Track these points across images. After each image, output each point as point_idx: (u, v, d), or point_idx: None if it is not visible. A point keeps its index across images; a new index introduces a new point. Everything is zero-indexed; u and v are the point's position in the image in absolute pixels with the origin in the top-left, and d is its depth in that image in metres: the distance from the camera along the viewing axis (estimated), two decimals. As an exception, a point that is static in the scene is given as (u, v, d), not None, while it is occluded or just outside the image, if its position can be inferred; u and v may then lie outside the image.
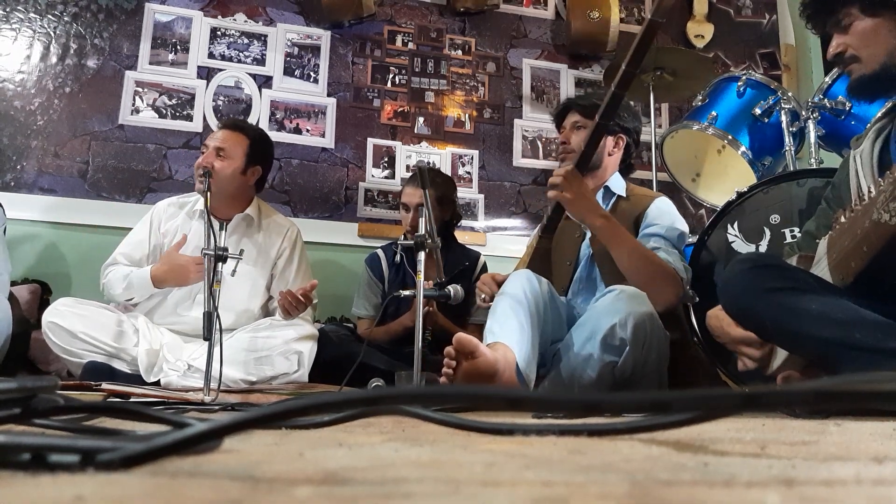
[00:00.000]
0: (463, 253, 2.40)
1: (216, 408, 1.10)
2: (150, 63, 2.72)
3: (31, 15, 2.62)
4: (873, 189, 1.03)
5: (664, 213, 1.71)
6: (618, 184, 1.80)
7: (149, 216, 2.07)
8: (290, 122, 2.82)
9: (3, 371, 1.86)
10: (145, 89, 2.69)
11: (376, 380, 1.53)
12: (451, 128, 2.99)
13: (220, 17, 2.83)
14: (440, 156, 2.95)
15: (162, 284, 1.91)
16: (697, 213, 3.12)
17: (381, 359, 1.99)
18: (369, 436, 0.63)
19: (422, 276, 1.49)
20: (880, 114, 1.27)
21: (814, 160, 1.96)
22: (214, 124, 2.73)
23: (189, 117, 2.71)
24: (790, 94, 2.14)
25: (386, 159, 2.89)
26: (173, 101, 2.71)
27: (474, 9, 3.06)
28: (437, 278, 1.60)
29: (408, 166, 2.89)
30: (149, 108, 2.67)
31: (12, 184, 2.49)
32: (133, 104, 2.67)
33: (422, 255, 1.50)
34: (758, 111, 2.11)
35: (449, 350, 1.30)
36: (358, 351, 1.70)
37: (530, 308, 1.47)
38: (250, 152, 2.04)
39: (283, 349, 1.89)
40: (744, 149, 2.13)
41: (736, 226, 1.81)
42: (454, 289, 1.58)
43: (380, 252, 2.40)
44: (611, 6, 2.97)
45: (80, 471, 0.34)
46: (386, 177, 2.88)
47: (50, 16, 2.64)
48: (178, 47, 2.76)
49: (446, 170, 2.89)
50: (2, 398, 0.47)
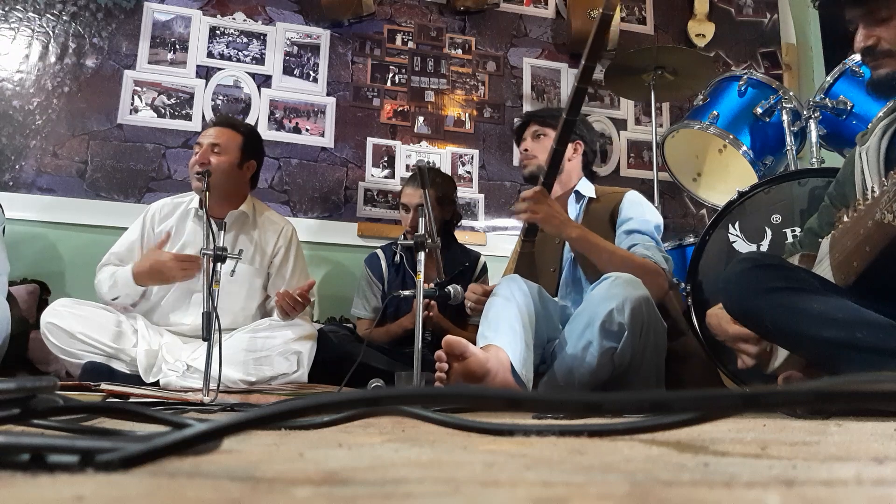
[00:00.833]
0: (463, 253, 2.40)
1: (215, 408, 1.10)
2: (149, 62, 2.72)
3: (30, 14, 2.62)
4: (877, 187, 1.03)
5: (636, 206, 1.76)
6: (586, 187, 1.86)
7: (142, 217, 2.06)
8: (290, 122, 2.82)
9: (2, 371, 1.86)
10: (144, 89, 2.69)
11: (376, 380, 1.53)
12: (451, 127, 2.98)
13: (219, 16, 2.83)
14: (440, 155, 2.95)
15: (144, 282, 1.89)
16: (698, 213, 3.12)
17: (380, 359, 1.99)
18: (369, 436, 0.63)
19: (421, 276, 1.49)
20: (884, 111, 1.26)
21: (815, 160, 1.96)
22: (212, 124, 2.73)
23: (188, 117, 2.71)
24: (791, 93, 2.14)
25: (386, 159, 2.89)
26: (172, 101, 2.71)
27: (474, 7, 3.05)
28: (437, 278, 1.60)
29: (407, 166, 2.89)
30: (147, 108, 2.67)
31: (11, 183, 2.49)
32: (132, 103, 2.67)
33: (422, 256, 1.50)
34: (759, 111, 2.11)
35: (440, 353, 1.31)
36: (357, 351, 1.70)
37: (521, 310, 1.48)
38: (244, 147, 2.05)
39: (283, 349, 1.89)
40: (745, 148, 2.13)
41: (737, 226, 1.80)
42: (454, 289, 1.58)
43: (379, 252, 2.40)
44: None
45: (79, 471, 0.34)
46: (386, 176, 2.88)
47: (48, 15, 2.64)
48: (177, 46, 2.76)
49: (446, 169, 2.89)
50: (1, 398, 0.47)
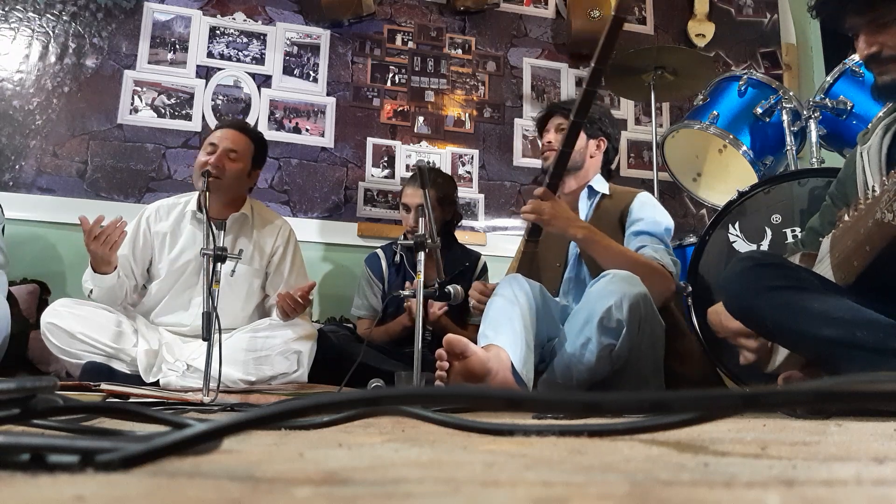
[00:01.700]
0: (463, 253, 2.39)
1: (215, 408, 1.10)
2: (149, 62, 2.72)
3: (30, 14, 2.62)
4: (878, 186, 1.03)
5: (647, 207, 1.75)
6: (601, 183, 1.85)
7: (138, 218, 2.04)
8: (290, 122, 2.82)
9: (2, 371, 1.86)
10: (144, 89, 2.69)
11: (376, 380, 1.53)
12: (451, 127, 2.98)
13: (219, 16, 2.83)
14: (440, 155, 2.95)
15: (98, 268, 1.85)
16: (698, 213, 3.12)
17: (380, 359, 1.99)
18: (369, 436, 0.63)
19: (421, 276, 1.49)
20: (885, 110, 1.26)
21: (815, 160, 1.96)
22: (213, 124, 2.73)
23: (188, 117, 2.71)
24: (791, 93, 2.14)
25: (386, 159, 2.89)
26: (172, 101, 2.71)
27: (474, 7, 3.05)
28: (437, 278, 1.60)
29: (408, 166, 2.89)
30: (147, 108, 2.67)
31: (11, 183, 2.49)
32: (132, 103, 2.67)
33: (422, 256, 1.50)
34: (759, 111, 2.11)
35: (440, 352, 1.31)
36: (357, 351, 1.70)
37: (522, 309, 1.48)
38: (255, 155, 2.06)
39: (283, 349, 1.89)
40: (745, 148, 2.13)
41: (737, 226, 1.80)
42: (454, 289, 1.58)
43: (379, 252, 2.40)
44: (611, 5, 2.97)
45: (79, 471, 0.34)
46: (386, 176, 2.88)
47: (48, 15, 2.64)
48: (177, 46, 2.76)
49: (446, 169, 2.89)
50: (1, 398, 0.47)
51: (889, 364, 0.94)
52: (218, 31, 2.81)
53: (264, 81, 2.82)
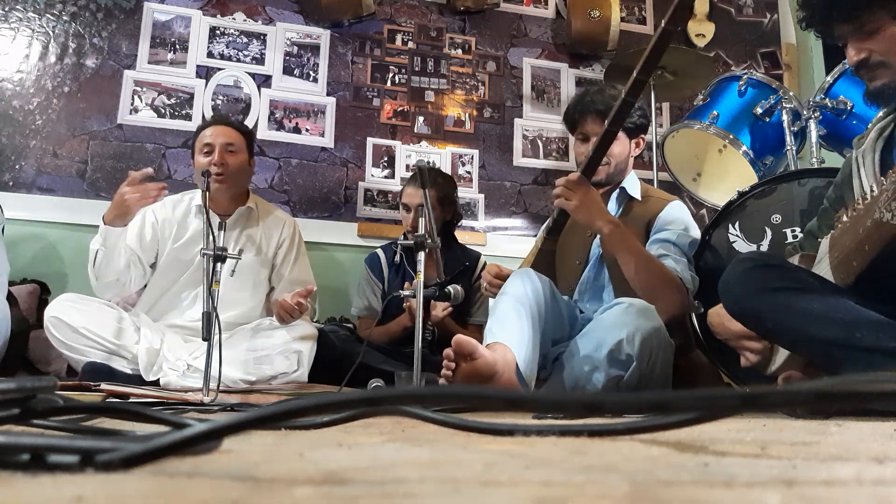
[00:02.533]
0: (463, 253, 2.39)
1: (215, 408, 1.10)
2: (149, 62, 2.72)
3: (30, 14, 2.62)
4: (875, 188, 1.03)
5: (676, 219, 1.69)
6: (633, 185, 1.78)
7: (142, 213, 2.00)
8: (290, 122, 2.82)
9: (2, 371, 1.86)
10: (144, 89, 2.69)
11: (376, 380, 1.53)
12: (451, 127, 2.98)
13: (219, 16, 2.83)
14: (440, 155, 2.95)
15: (113, 221, 1.83)
16: (699, 213, 3.12)
17: (380, 359, 1.98)
18: (369, 436, 0.63)
19: (421, 276, 1.49)
20: (882, 113, 1.26)
21: (815, 160, 1.96)
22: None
23: (188, 117, 2.71)
24: (791, 93, 2.14)
25: (386, 159, 2.89)
26: (172, 101, 2.71)
27: (474, 8, 3.05)
28: (437, 278, 1.60)
29: (408, 166, 2.89)
30: (147, 108, 2.67)
31: (11, 183, 2.49)
32: (132, 103, 2.67)
33: (422, 256, 1.50)
34: (759, 111, 2.11)
35: (448, 352, 1.30)
36: (358, 351, 1.70)
37: (531, 308, 1.45)
38: (248, 145, 2.10)
39: (283, 348, 1.89)
40: (745, 148, 2.12)
41: (737, 225, 1.80)
42: (454, 289, 1.58)
43: (379, 252, 2.40)
44: (611, 5, 2.97)
45: (79, 471, 0.34)
46: (386, 176, 2.88)
47: (48, 15, 2.64)
48: (177, 46, 2.76)
49: (446, 169, 2.89)
50: (1, 398, 0.47)
51: (889, 364, 0.94)
52: (218, 31, 2.81)
53: (264, 81, 2.82)
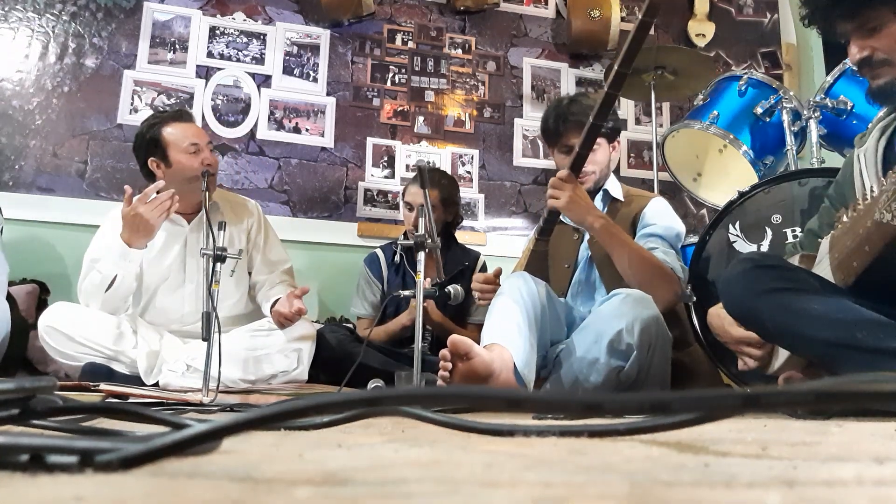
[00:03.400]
0: (462, 252, 2.39)
1: (215, 408, 1.10)
2: (149, 62, 2.72)
3: (30, 14, 2.62)
4: (876, 188, 1.03)
5: (661, 214, 1.73)
6: (615, 187, 1.82)
7: (111, 220, 1.92)
8: (290, 122, 2.82)
9: (1, 371, 1.86)
10: (144, 88, 2.69)
11: (376, 380, 1.53)
12: (451, 127, 2.98)
13: (218, 15, 2.83)
14: (440, 155, 2.95)
15: (134, 242, 1.78)
16: (699, 213, 3.12)
17: (380, 359, 1.98)
18: (369, 436, 0.63)
19: (421, 276, 1.49)
20: (883, 112, 1.26)
21: (815, 160, 1.96)
22: (213, 124, 2.73)
23: (188, 117, 2.71)
24: (792, 93, 2.14)
25: (385, 159, 2.89)
26: (172, 101, 2.71)
27: (474, 7, 3.05)
28: (437, 278, 1.60)
29: (408, 166, 2.89)
30: (147, 108, 2.67)
31: (10, 183, 2.49)
32: (131, 103, 2.66)
33: (421, 255, 1.50)
34: (759, 110, 2.11)
35: (444, 352, 1.30)
36: (357, 351, 1.70)
37: (527, 309, 1.46)
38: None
39: (283, 347, 1.89)
40: (745, 148, 2.12)
41: (737, 225, 1.80)
42: (454, 289, 1.58)
43: (378, 252, 2.40)
44: (611, 5, 2.97)
45: (78, 472, 0.34)
46: (385, 176, 2.88)
47: (48, 15, 2.64)
48: (177, 46, 2.76)
49: (446, 169, 2.89)
50: (0, 399, 0.47)
51: (889, 364, 0.94)
52: (218, 31, 2.81)
53: (264, 81, 2.82)
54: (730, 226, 1.81)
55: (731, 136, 2.14)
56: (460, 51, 3.05)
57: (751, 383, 1.55)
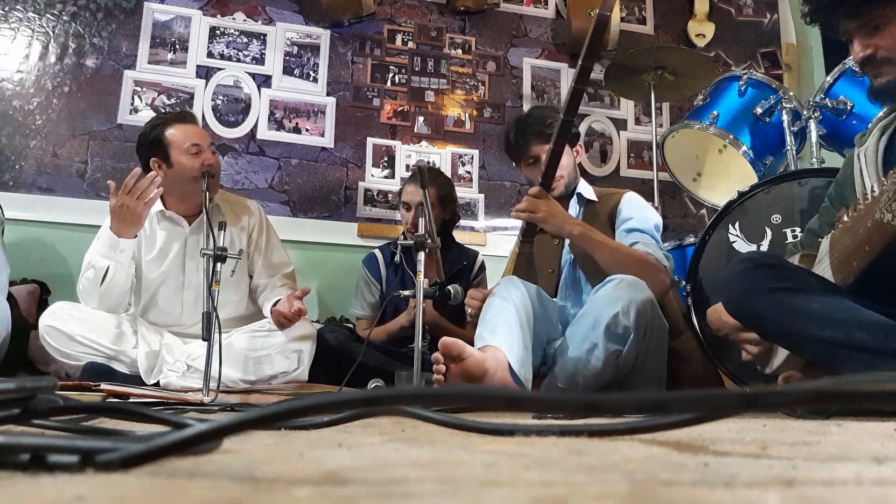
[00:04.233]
0: (461, 252, 2.39)
1: (215, 408, 1.10)
2: (149, 62, 2.72)
3: (30, 14, 2.62)
4: (876, 187, 1.03)
5: (636, 207, 1.76)
6: (587, 189, 1.85)
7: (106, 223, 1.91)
8: (290, 122, 2.82)
9: (2, 371, 1.86)
10: (144, 89, 2.69)
11: (376, 380, 1.53)
12: (451, 127, 2.98)
13: (219, 16, 2.83)
14: (440, 155, 2.95)
15: (122, 232, 1.80)
16: (698, 213, 3.12)
17: (380, 359, 1.98)
18: (369, 436, 0.63)
19: (421, 276, 1.49)
20: (883, 112, 1.26)
21: (815, 160, 1.96)
22: (213, 124, 2.73)
23: (189, 117, 2.71)
24: (791, 93, 2.14)
25: (385, 159, 2.89)
26: (172, 101, 2.71)
27: (474, 8, 3.05)
28: (437, 278, 1.60)
29: (407, 166, 2.89)
30: (148, 108, 2.67)
31: (11, 183, 2.49)
32: (132, 103, 2.67)
33: (421, 255, 1.50)
34: (759, 111, 2.11)
35: (437, 355, 1.31)
36: (357, 351, 1.70)
37: (519, 310, 1.47)
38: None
39: (283, 348, 1.89)
40: (745, 148, 2.12)
41: (737, 226, 1.80)
42: (453, 289, 1.58)
43: (377, 252, 2.40)
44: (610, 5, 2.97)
45: (79, 471, 0.34)
46: (385, 176, 2.88)
47: (48, 15, 2.64)
48: (177, 46, 2.76)
49: (446, 169, 2.89)
50: (1, 398, 0.47)
51: (889, 364, 0.94)
52: (218, 32, 2.81)
53: (264, 81, 2.82)
54: (729, 226, 1.81)
55: (731, 136, 2.14)
56: (460, 51, 3.05)
57: (749, 382, 1.55)
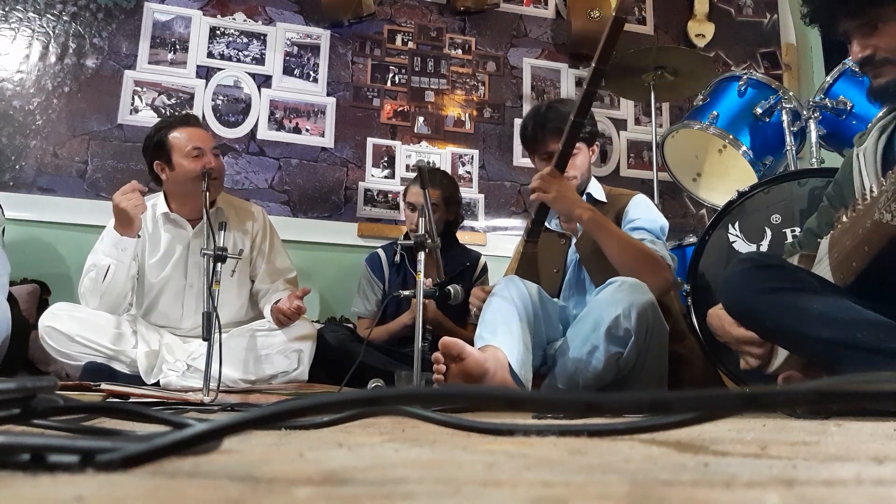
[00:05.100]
0: (463, 253, 2.40)
1: (215, 408, 1.10)
2: (149, 62, 2.72)
3: (30, 14, 2.62)
4: (875, 187, 1.03)
5: (644, 209, 1.76)
6: (597, 190, 1.85)
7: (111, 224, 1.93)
8: (290, 122, 2.82)
9: (2, 371, 1.86)
10: (144, 89, 2.69)
11: (376, 380, 1.53)
12: (451, 127, 2.98)
13: (219, 16, 2.83)
14: (440, 155, 2.95)
15: (123, 230, 1.83)
16: (698, 213, 3.12)
17: (380, 359, 1.99)
18: (369, 436, 0.63)
19: (422, 276, 1.49)
20: (883, 112, 1.26)
21: (815, 160, 1.96)
22: (214, 124, 2.73)
23: (189, 117, 2.71)
24: (791, 93, 2.14)
25: (386, 159, 2.89)
26: (172, 101, 2.71)
27: (474, 8, 3.05)
28: (437, 278, 1.60)
29: (408, 166, 2.89)
30: (148, 108, 2.67)
31: (11, 183, 2.49)
32: (132, 104, 2.67)
33: (422, 256, 1.50)
34: (759, 111, 2.11)
35: (437, 355, 1.31)
36: (357, 351, 1.70)
37: (519, 311, 1.47)
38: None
39: (283, 347, 1.89)
40: (745, 148, 2.12)
41: (737, 226, 1.80)
42: (454, 289, 1.58)
43: (380, 252, 2.40)
44: (611, 5, 2.97)
45: (79, 471, 0.34)
46: (386, 176, 2.88)
47: (49, 15, 2.64)
48: (178, 47, 2.76)
49: (446, 169, 2.89)
50: (1, 398, 0.47)
51: (889, 364, 0.94)
52: (218, 32, 2.81)
53: (264, 81, 2.82)
54: (729, 226, 1.81)
55: (731, 137, 2.14)
56: (460, 51, 3.05)
57: (750, 383, 1.55)
